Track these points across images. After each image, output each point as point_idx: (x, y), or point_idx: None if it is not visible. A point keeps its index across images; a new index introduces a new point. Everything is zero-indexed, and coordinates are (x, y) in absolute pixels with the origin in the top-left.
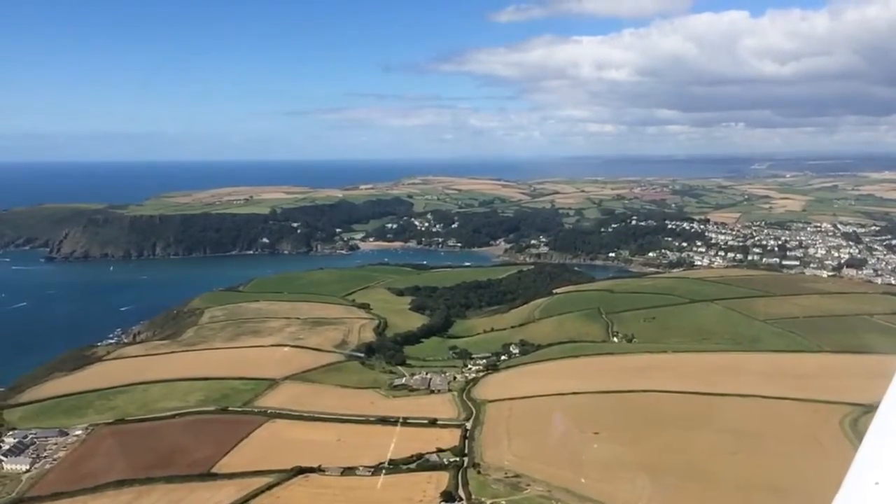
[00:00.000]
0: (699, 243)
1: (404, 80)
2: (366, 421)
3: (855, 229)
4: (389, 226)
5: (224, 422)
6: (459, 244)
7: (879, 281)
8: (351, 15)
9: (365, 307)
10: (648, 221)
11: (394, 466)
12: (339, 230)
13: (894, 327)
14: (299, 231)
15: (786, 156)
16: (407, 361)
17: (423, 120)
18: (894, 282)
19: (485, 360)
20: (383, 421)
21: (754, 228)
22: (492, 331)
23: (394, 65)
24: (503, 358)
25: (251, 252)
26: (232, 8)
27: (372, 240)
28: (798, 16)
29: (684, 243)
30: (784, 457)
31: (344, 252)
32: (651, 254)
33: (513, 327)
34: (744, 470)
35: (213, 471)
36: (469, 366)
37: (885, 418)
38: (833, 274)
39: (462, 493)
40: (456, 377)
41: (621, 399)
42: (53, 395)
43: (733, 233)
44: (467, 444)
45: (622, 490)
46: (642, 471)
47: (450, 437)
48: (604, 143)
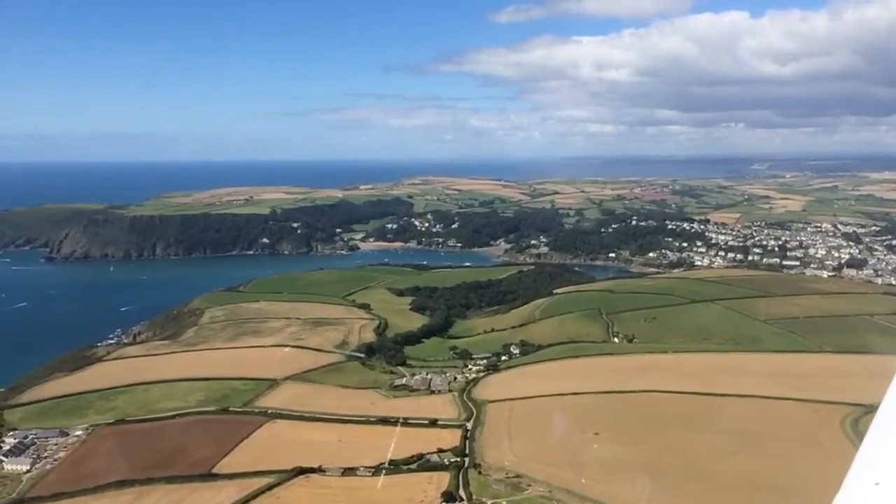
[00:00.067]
0: (699, 243)
1: (404, 81)
2: (366, 421)
3: (855, 229)
4: (389, 226)
5: (224, 422)
6: (459, 244)
7: (880, 281)
8: (351, 15)
9: (365, 307)
10: (649, 222)
11: (394, 467)
12: (339, 230)
13: (895, 327)
14: (299, 231)
15: (786, 156)
16: (407, 362)
17: (423, 120)
18: (894, 282)
19: (485, 361)
20: (384, 421)
21: (754, 229)
22: (492, 331)
23: (394, 65)
24: (504, 358)
25: (251, 252)
26: (232, 8)
27: (372, 240)
28: (798, 16)
29: (684, 243)
30: (785, 457)
31: (344, 252)
32: (651, 254)
33: (513, 327)
34: (744, 470)
35: (214, 471)
36: (469, 366)
37: (886, 419)
38: (833, 274)
39: (463, 493)
40: (456, 377)
41: (622, 399)
42: (54, 396)
43: (733, 233)
44: (468, 444)
45: (623, 490)
46: (643, 471)
47: (450, 438)
48: (604, 143)
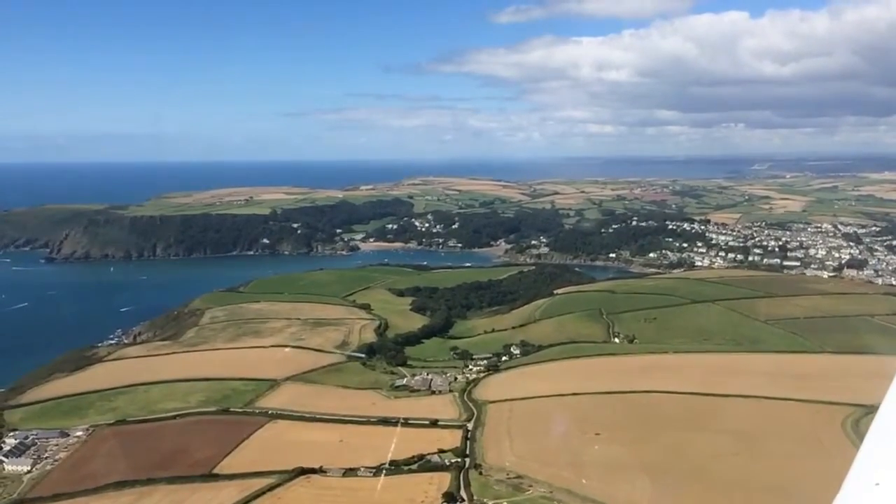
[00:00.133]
0: (700, 244)
1: (404, 81)
2: (367, 422)
3: (855, 230)
4: (390, 226)
5: (225, 422)
6: (460, 245)
7: (880, 281)
8: (351, 15)
9: (365, 308)
10: (649, 222)
11: (395, 467)
12: (339, 231)
13: (895, 328)
14: (299, 232)
15: (786, 156)
16: (408, 362)
17: (423, 120)
18: (895, 282)
19: (486, 361)
20: (384, 422)
21: (755, 229)
22: (492, 331)
23: (394, 65)
24: (504, 359)
25: (251, 253)
26: (232, 8)
27: (372, 240)
28: (798, 16)
29: (685, 244)
30: (785, 457)
31: (344, 253)
32: (652, 254)
33: (513, 328)
34: (745, 471)
35: (215, 471)
36: (470, 366)
37: (886, 419)
38: (834, 274)
39: (464, 493)
40: (457, 378)
41: (622, 400)
42: (54, 396)
43: (734, 233)
44: (469, 444)
45: (623, 491)
46: (643, 472)
47: (451, 438)
48: (604, 143)
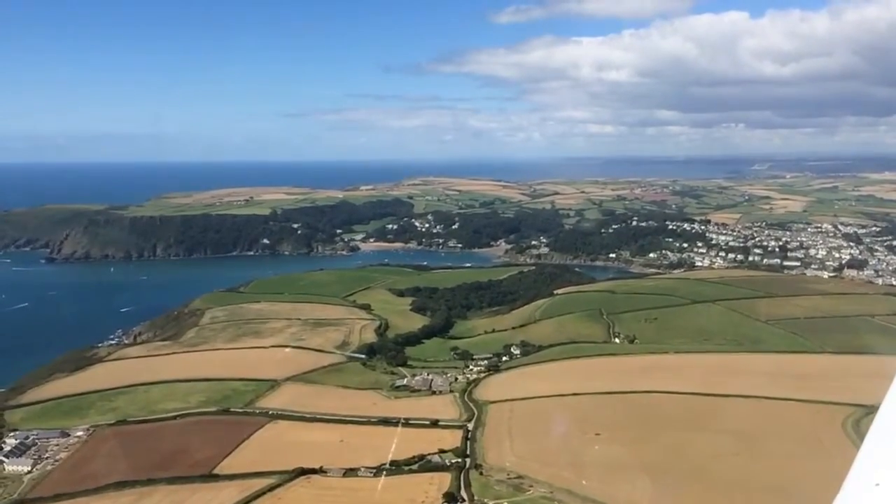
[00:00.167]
0: (700, 244)
1: (404, 81)
2: (367, 422)
3: (856, 230)
4: (390, 227)
5: (226, 423)
6: (460, 245)
7: (880, 282)
8: (351, 15)
9: (366, 308)
10: (649, 222)
11: (396, 467)
12: (339, 231)
13: (895, 328)
14: (300, 232)
15: (786, 156)
16: (408, 362)
17: (423, 121)
18: (895, 282)
19: (486, 361)
20: (385, 422)
21: (755, 229)
22: (493, 332)
23: (394, 66)
24: (504, 359)
25: (252, 253)
26: (232, 9)
27: (372, 241)
28: (798, 17)
29: (685, 244)
30: (786, 458)
31: (344, 253)
32: (652, 254)
33: (514, 328)
34: (746, 471)
35: (215, 472)
36: (470, 367)
37: (886, 419)
38: (834, 275)
39: (464, 494)
40: (457, 378)
41: (623, 400)
42: (55, 396)
43: (734, 233)
44: (469, 445)
45: (624, 491)
46: (644, 472)
47: (452, 438)
48: (604, 143)
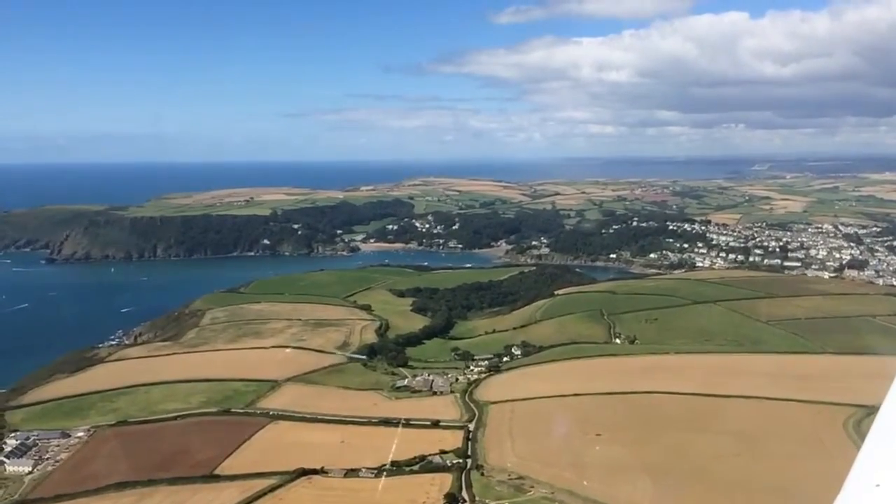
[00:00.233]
0: (700, 244)
1: (404, 82)
2: (368, 422)
3: (856, 230)
4: (390, 227)
5: (226, 423)
6: (460, 245)
7: (881, 282)
8: (351, 15)
9: (366, 308)
10: (649, 223)
11: (397, 468)
12: (339, 231)
13: None
14: (300, 232)
15: (786, 157)
16: (409, 363)
17: (424, 121)
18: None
19: (487, 362)
20: (386, 422)
21: (755, 230)
22: (493, 332)
23: (394, 66)
24: (505, 359)
25: (252, 253)
26: (232, 9)
27: (373, 241)
28: (798, 17)
29: (685, 244)
30: (787, 458)
31: (345, 253)
32: (652, 255)
33: (514, 329)
34: (747, 472)
35: (216, 472)
36: (471, 367)
37: (887, 420)
38: (835, 275)
39: (466, 495)
40: (458, 378)
41: (624, 400)
42: (55, 397)
43: (734, 234)
44: (470, 445)
45: (625, 492)
46: (645, 472)
47: (452, 439)
48: (604, 144)
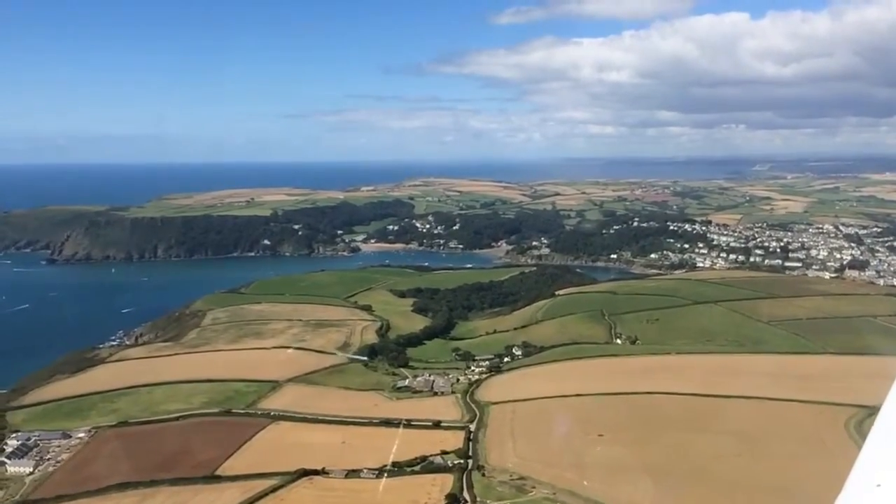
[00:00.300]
0: (701, 245)
1: (404, 82)
2: (369, 423)
3: (857, 231)
4: (391, 227)
5: (228, 424)
6: (461, 246)
7: (882, 282)
8: (351, 15)
9: (367, 309)
10: (650, 223)
11: (398, 469)
12: (340, 232)
13: None
14: (301, 233)
15: (787, 157)
16: (410, 363)
17: (424, 122)
18: None
19: (488, 362)
20: (387, 423)
21: (756, 230)
22: (494, 332)
23: (394, 66)
24: (506, 360)
25: (253, 254)
26: (232, 9)
27: (373, 241)
28: (799, 17)
29: (686, 245)
30: (788, 458)
31: (345, 254)
32: (653, 255)
33: (515, 329)
34: (748, 472)
35: (217, 473)
36: (472, 367)
37: (888, 420)
38: (835, 275)
39: (467, 495)
40: (459, 379)
41: (625, 401)
42: (56, 398)
43: (735, 234)
44: (471, 446)
45: (626, 492)
46: (646, 473)
47: (454, 440)
48: (605, 144)
